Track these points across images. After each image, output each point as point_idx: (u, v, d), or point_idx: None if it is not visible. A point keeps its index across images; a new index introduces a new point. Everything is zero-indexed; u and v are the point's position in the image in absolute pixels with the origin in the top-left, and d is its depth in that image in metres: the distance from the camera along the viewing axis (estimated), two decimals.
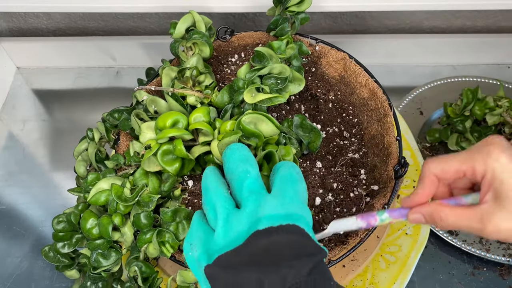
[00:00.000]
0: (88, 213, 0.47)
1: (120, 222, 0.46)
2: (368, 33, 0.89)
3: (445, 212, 0.37)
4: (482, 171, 0.36)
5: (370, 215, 0.41)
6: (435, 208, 0.38)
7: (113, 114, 0.57)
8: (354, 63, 0.58)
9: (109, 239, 0.47)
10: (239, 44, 0.63)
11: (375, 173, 0.53)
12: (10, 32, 0.92)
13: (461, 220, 0.37)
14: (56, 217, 0.49)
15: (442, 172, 0.38)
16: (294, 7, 0.57)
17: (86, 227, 0.47)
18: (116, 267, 0.49)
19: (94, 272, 0.48)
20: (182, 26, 0.56)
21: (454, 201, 0.39)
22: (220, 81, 0.59)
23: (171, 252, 0.46)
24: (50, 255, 0.50)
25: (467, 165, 0.37)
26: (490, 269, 0.65)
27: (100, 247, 0.47)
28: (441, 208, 0.38)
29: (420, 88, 0.81)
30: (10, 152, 0.82)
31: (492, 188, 0.36)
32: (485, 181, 0.36)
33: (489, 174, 0.36)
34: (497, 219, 0.35)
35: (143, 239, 0.46)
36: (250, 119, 0.45)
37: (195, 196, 0.51)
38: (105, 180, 0.47)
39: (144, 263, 0.47)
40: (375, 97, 0.55)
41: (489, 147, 0.36)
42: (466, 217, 0.37)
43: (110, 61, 0.91)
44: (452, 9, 0.82)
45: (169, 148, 0.46)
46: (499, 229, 0.35)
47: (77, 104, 0.87)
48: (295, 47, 0.56)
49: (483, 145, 0.37)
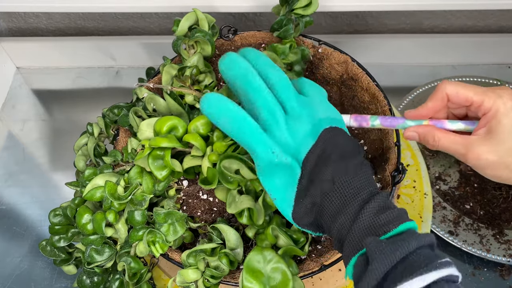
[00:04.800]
0: (83, 208, 0.47)
1: (114, 219, 0.46)
2: (368, 33, 0.89)
3: (438, 135, 0.42)
4: (487, 108, 0.41)
5: (363, 118, 0.45)
6: (430, 130, 0.43)
7: (113, 109, 0.57)
8: (356, 66, 0.58)
9: (103, 235, 0.47)
10: (242, 44, 0.63)
11: (375, 177, 0.53)
12: (10, 32, 0.92)
13: (451, 144, 0.42)
14: (53, 210, 0.50)
15: (456, 95, 0.42)
16: (300, 10, 0.56)
17: (81, 222, 0.47)
18: (109, 263, 0.49)
19: (88, 267, 0.48)
20: (185, 24, 0.56)
21: (440, 124, 0.43)
22: (221, 80, 0.59)
23: (160, 253, 0.46)
24: (47, 249, 0.50)
25: (478, 97, 0.41)
26: (490, 269, 0.65)
27: (94, 242, 0.47)
28: (436, 131, 0.43)
29: (420, 88, 0.81)
30: (10, 152, 0.82)
31: (489, 124, 0.41)
32: (486, 117, 0.41)
33: (492, 112, 0.40)
34: (480, 149, 0.40)
35: (135, 236, 0.46)
36: (228, 163, 0.45)
37: (189, 197, 0.51)
38: (101, 176, 0.47)
39: (133, 259, 0.47)
40: (376, 101, 0.55)
41: (502, 91, 0.41)
42: (456, 142, 0.42)
43: (110, 61, 0.91)
44: (452, 9, 0.82)
45: (160, 154, 0.46)
46: (479, 157, 0.40)
47: (77, 104, 0.87)
48: (298, 52, 0.56)
49: (498, 88, 0.41)
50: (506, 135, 0.40)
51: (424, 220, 0.62)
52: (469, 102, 0.42)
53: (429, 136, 0.43)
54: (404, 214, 0.37)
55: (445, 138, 0.42)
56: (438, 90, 0.43)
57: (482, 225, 0.66)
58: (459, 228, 0.66)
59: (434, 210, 0.68)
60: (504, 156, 0.40)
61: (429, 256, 0.34)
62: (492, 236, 0.65)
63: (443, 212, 0.68)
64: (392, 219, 0.36)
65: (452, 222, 0.67)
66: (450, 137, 0.42)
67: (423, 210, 0.63)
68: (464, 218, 0.67)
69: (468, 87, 0.42)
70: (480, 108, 0.41)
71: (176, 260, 0.48)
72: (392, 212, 0.37)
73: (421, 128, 0.43)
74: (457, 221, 0.67)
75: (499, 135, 0.40)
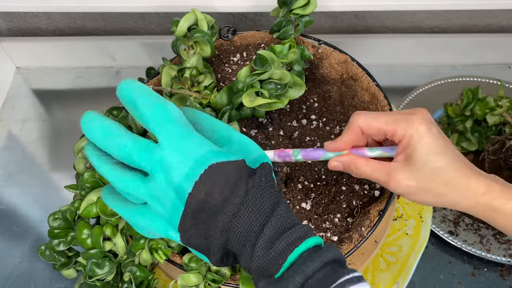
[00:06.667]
0: (82, 223, 0.47)
1: (111, 233, 0.46)
2: (368, 33, 0.89)
3: (360, 163, 0.43)
4: (401, 136, 0.41)
5: (286, 154, 0.46)
6: (352, 159, 0.44)
7: (112, 111, 0.57)
8: (356, 66, 0.58)
9: (101, 250, 0.47)
10: (241, 44, 0.63)
11: None
12: (10, 32, 0.92)
13: (373, 172, 0.42)
14: (52, 214, 0.49)
15: (368, 127, 0.43)
16: (298, 9, 0.56)
17: (81, 237, 0.47)
18: (110, 276, 0.49)
19: (90, 280, 0.48)
20: (184, 24, 0.56)
21: (361, 152, 0.44)
22: (220, 81, 0.59)
23: (164, 259, 0.46)
24: (47, 254, 0.50)
25: (390, 127, 0.42)
26: (490, 269, 0.65)
27: (94, 256, 0.47)
28: (358, 159, 0.43)
29: (420, 88, 0.81)
30: (9, 152, 0.82)
31: (405, 152, 0.41)
32: (401, 144, 0.42)
33: (407, 139, 0.41)
34: (400, 176, 0.41)
35: (137, 245, 0.46)
36: None
37: None
38: (96, 191, 0.47)
39: (138, 267, 0.47)
40: (376, 101, 0.55)
41: (413, 117, 0.41)
42: (377, 170, 0.42)
43: (110, 61, 0.91)
44: (453, 8, 0.82)
45: None
46: (400, 184, 0.41)
47: (77, 104, 0.87)
48: (297, 52, 0.56)
49: (409, 113, 0.42)
50: (422, 161, 0.40)
51: (424, 220, 0.62)
52: (382, 132, 0.42)
53: (351, 165, 0.43)
54: (303, 232, 0.35)
55: (367, 166, 0.43)
56: (351, 123, 0.43)
57: (482, 225, 0.66)
58: (459, 228, 0.66)
59: (434, 210, 0.68)
60: (423, 182, 0.40)
61: (329, 276, 0.33)
62: (492, 236, 0.65)
63: (443, 212, 0.68)
64: (286, 247, 0.34)
65: (452, 222, 0.67)
66: (371, 165, 0.43)
67: (423, 210, 0.63)
68: (464, 218, 0.67)
69: (379, 118, 0.42)
70: (395, 137, 0.42)
71: (177, 262, 0.48)
72: (288, 236, 0.35)
73: (344, 157, 0.44)
74: (457, 221, 0.67)
75: (416, 161, 0.40)
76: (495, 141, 0.67)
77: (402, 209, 0.63)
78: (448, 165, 0.40)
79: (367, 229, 0.47)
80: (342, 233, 0.49)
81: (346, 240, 0.47)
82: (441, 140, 0.41)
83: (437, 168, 0.40)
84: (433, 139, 0.40)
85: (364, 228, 0.47)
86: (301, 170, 0.53)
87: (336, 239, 0.48)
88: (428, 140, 0.40)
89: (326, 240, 0.49)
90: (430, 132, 0.41)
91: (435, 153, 0.40)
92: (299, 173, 0.53)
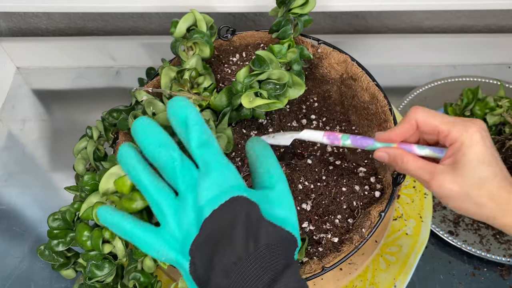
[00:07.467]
0: (82, 225, 0.47)
1: (110, 236, 0.46)
2: (368, 33, 0.89)
3: (407, 158, 0.43)
4: (454, 139, 0.41)
5: (335, 137, 0.47)
6: (400, 153, 0.44)
7: (112, 113, 0.57)
8: (356, 65, 0.58)
9: (100, 252, 0.47)
10: (240, 44, 0.63)
11: (376, 178, 0.53)
12: (10, 32, 0.92)
13: (418, 169, 0.42)
14: (52, 215, 0.49)
15: (425, 122, 0.43)
16: (297, 9, 0.56)
17: (81, 239, 0.46)
18: (110, 278, 0.49)
19: (90, 282, 0.48)
20: (183, 25, 0.56)
21: (409, 148, 0.44)
22: (220, 81, 0.59)
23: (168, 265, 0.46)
24: (46, 254, 0.50)
25: (445, 127, 0.42)
26: (490, 269, 0.65)
27: (93, 258, 0.47)
28: (406, 154, 0.43)
29: (420, 88, 0.81)
30: (9, 152, 0.82)
31: (455, 156, 0.41)
32: (452, 147, 0.41)
33: (459, 143, 0.41)
34: (443, 178, 0.41)
35: (139, 252, 0.46)
36: None
37: None
38: (95, 194, 0.47)
39: (141, 273, 0.47)
40: (376, 101, 0.55)
41: (470, 123, 0.41)
42: (422, 168, 0.42)
43: (110, 61, 0.91)
44: (453, 9, 0.82)
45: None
46: (442, 186, 0.41)
47: (77, 104, 0.87)
48: (296, 51, 0.56)
49: (467, 120, 0.42)
50: (471, 168, 0.40)
51: (424, 220, 0.62)
52: (437, 131, 0.42)
53: (398, 158, 0.44)
54: None
55: (413, 162, 0.43)
56: (408, 116, 0.43)
57: (482, 225, 0.66)
58: (459, 228, 0.66)
59: (434, 210, 0.68)
60: (467, 189, 0.40)
61: None
62: (492, 236, 0.65)
63: (443, 212, 0.68)
64: None
65: (452, 222, 0.67)
66: (418, 162, 0.43)
67: (423, 210, 0.63)
68: (464, 218, 0.67)
69: (437, 116, 0.42)
70: (447, 139, 0.42)
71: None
72: None
73: (392, 150, 0.44)
74: (457, 221, 0.67)
75: (464, 167, 0.40)
76: (495, 141, 0.67)
77: (402, 209, 0.63)
78: (494, 177, 0.40)
79: (368, 230, 0.47)
80: (342, 234, 0.49)
81: (347, 241, 0.47)
82: (492, 151, 0.41)
83: (485, 177, 0.40)
84: (485, 149, 0.40)
85: (365, 229, 0.47)
86: (301, 170, 0.53)
87: (336, 240, 0.48)
88: (480, 149, 0.40)
89: (326, 242, 0.49)
90: (484, 142, 0.40)
91: (484, 163, 0.40)
92: (300, 173, 0.53)
